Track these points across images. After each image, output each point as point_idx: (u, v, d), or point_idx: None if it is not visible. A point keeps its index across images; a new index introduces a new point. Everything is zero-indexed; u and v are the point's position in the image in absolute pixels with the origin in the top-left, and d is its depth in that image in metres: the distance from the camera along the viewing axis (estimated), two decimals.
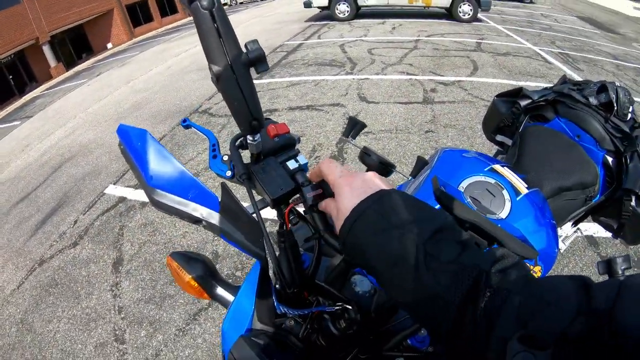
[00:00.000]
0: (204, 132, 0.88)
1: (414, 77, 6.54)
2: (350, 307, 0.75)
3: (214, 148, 0.83)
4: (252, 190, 0.74)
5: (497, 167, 1.17)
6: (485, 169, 1.15)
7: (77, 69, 21.34)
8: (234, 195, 0.75)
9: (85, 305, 3.07)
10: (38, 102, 14.39)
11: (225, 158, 0.81)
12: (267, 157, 0.78)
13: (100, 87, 11.57)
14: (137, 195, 4.38)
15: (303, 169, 0.77)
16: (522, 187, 1.12)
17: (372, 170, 0.69)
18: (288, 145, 0.81)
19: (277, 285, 0.82)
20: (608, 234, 1.60)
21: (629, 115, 1.45)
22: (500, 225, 0.58)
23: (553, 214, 1.21)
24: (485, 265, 0.45)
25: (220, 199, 0.77)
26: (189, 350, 2.54)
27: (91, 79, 14.22)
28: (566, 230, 1.62)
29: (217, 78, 0.61)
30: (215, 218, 0.76)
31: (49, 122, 9.56)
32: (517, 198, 1.08)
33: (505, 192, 1.08)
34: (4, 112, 16.62)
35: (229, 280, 2.67)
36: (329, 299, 0.80)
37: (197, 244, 3.30)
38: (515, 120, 1.68)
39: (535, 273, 1.03)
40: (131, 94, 9.23)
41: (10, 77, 21.61)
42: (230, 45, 0.59)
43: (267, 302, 0.81)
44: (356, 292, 0.83)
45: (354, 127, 0.88)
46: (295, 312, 0.78)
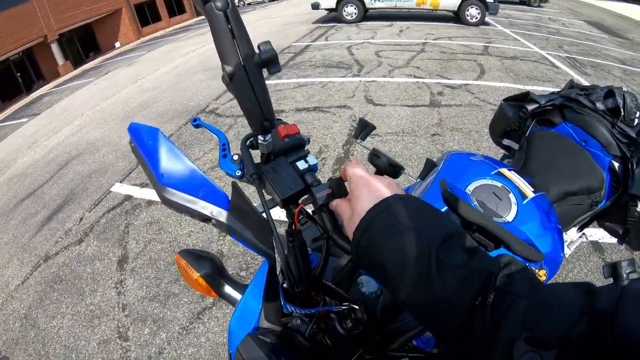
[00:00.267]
0: (215, 131, 0.88)
1: (421, 80, 6.54)
2: (356, 307, 0.75)
3: (224, 147, 0.83)
4: (262, 190, 0.75)
5: (504, 170, 1.17)
6: (492, 173, 1.15)
7: (84, 67, 21.46)
8: (244, 195, 0.74)
9: (90, 302, 3.08)
10: (45, 99, 14.46)
11: (236, 158, 0.81)
12: (277, 157, 0.78)
13: (107, 86, 11.63)
14: (143, 193, 4.40)
15: (313, 169, 0.78)
16: (528, 190, 1.12)
17: (381, 171, 0.70)
18: (298, 145, 0.81)
19: (285, 285, 0.82)
20: (613, 240, 1.59)
21: (636, 121, 1.45)
22: (506, 228, 0.58)
23: (559, 218, 1.21)
24: (494, 269, 0.47)
25: (230, 198, 0.76)
26: (192, 349, 2.54)
27: (99, 77, 14.29)
28: (571, 235, 1.62)
29: (230, 78, 0.61)
30: (225, 216, 0.76)
31: (56, 120, 9.62)
32: (524, 202, 1.08)
33: (511, 196, 1.09)
34: (11, 109, 16.74)
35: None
36: (335, 298, 0.80)
37: (203, 243, 3.31)
38: (522, 125, 1.68)
39: (541, 277, 1.04)
40: (138, 93, 9.27)
41: (19, 74, 21.78)
42: (243, 46, 0.60)
43: (274, 301, 0.81)
44: (363, 293, 0.83)
45: (364, 129, 0.88)
46: (302, 312, 0.78)
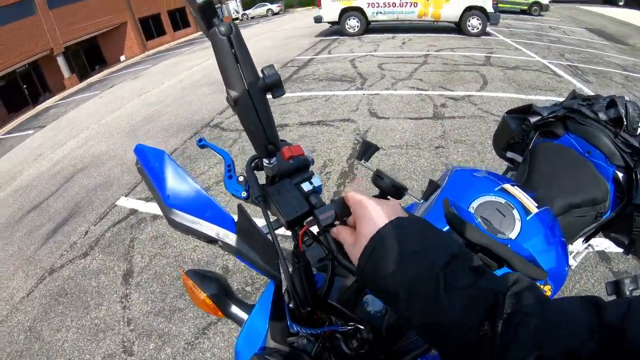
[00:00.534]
0: (220, 152, 0.89)
1: (424, 92, 6.56)
2: (362, 326, 0.76)
3: (230, 168, 0.84)
4: (268, 211, 0.76)
5: (508, 186, 1.17)
6: (496, 189, 1.16)
7: (90, 80, 21.63)
8: (250, 217, 0.75)
9: (95, 315, 3.08)
10: (51, 112, 14.57)
11: (241, 179, 0.82)
12: (282, 178, 0.79)
13: (113, 99, 11.73)
14: (149, 207, 4.41)
15: (317, 191, 0.78)
16: (532, 206, 1.12)
17: (384, 192, 0.71)
18: (302, 167, 0.82)
19: (291, 305, 0.83)
20: (620, 250, 1.59)
21: (639, 130, 1.45)
22: (509, 246, 0.60)
23: (563, 231, 1.22)
24: (502, 288, 0.47)
25: (236, 220, 0.77)
26: None
27: (104, 90, 14.41)
28: (577, 246, 1.61)
29: (235, 102, 0.62)
30: (231, 238, 0.77)
31: (62, 133, 9.70)
32: (527, 217, 1.08)
33: (515, 212, 1.09)
34: (17, 121, 16.85)
35: (241, 296, 2.67)
36: (341, 318, 0.80)
37: (208, 258, 3.31)
38: (525, 137, 1.68)
39: (546, 292, 1.04)
40: (143, 106, 9.34)
41: (25, 86, 22.06)
42: (247, 70, 0.61)
43: (280, 321, 0.82)
44: (368, 312, 0.84)
45: (367, 150, 0.90)
46: (308, 331, 0.79)
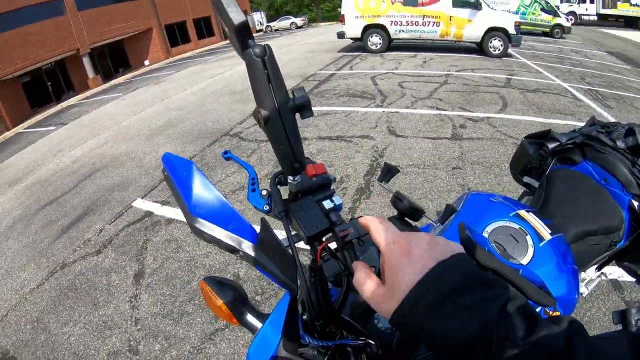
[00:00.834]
0: (244, 165, 0.92)
1: (444, 112, 6.54)
2: (372, 342, 0.78)
3: (253, 182, 0.87)
4: (289, 226, 0.78)
5: (522, 212, 1.18)
6: (511, 214, 1.17)
7: (113, 82, 22.02)
8: (272, 230, 0.78)
9: (103, 312, 3.11)
10: (74, 110, 14.84)
11: (264, 193, 0.85)
12: (304, 195, 0.81)
13: (135, 102, 11.94)
14: (164, 211, 4.46)
15: (337, 208, 0.80)
16: (545, 233, 1.13)
17: (402, 214, 0.73)
18: (324, 184, 0.84)
19: (305, 316, 0.85)
20: (633, 279, 1.58)
21: None
22: (521, 271, 0.61)
23: (577, 258, 1.22)
24: (558, 341, 0.43)
25: (258, 232, 0.80)
26: None
27: (127, 93, 14.67)
28: (590, 273, 1.60)
29: (265, 121, 0.64)
30: (252, 249, 0.79)
31: (83, 131, 9.88)
32: (540, 244, 1.09)
33: (528, 238, 1.10)
34: (40, 116, 17.21)
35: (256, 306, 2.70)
36: (352, 333, 0.82)
37: (220, 265, 3.32)
38: (542, 163, 1.68)
39: None
40: (165, 111, 9.50)
41: (49, 83, 22.55)
42: (279, 91, 0.63)
43: (293, 332, 0.83)
44: (379, 328, 0.85)
45: (388, 172, 0.91)
46: (320, 343, 0.80)
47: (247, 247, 0.79)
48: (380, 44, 13.47)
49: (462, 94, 7.65)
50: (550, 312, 1.03)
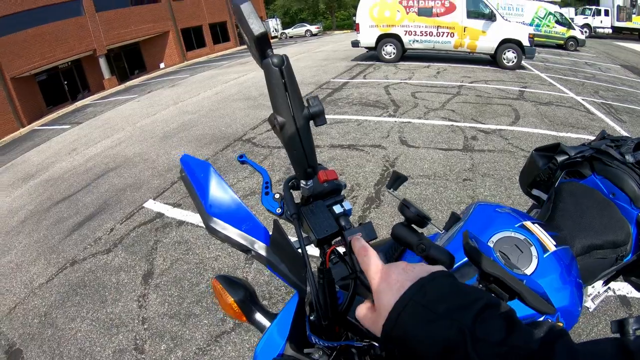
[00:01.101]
0: (259, 169, 0.96)
1: (456, 124, 6.53)
2: (376, 344, 0.80)
3: (267, 185, 0.90)
4: (300, 229, 0.81)
5: (528, 223, 1.19)
6: (516, 225, 1.18)
7: (129, 83, 22.29)
8: (284, 232, 0.81)
9: (110, 310, 3.13)
10: (89, 110, 15.02)
11: (277, 196, 0.87)
12: (315, 199, 0.83)
13: (149, 104, 12.07)
14: (175, 213, 4.49)
15: (347, 214, 0.82)
16: (550, 244, 1.13)
17: (409, 221, 0.74)
18: (335, 190, 0.86)
19: (312, 317, 0.87)
20: None
21: None
22: (525, 280, 0.61)
23: (583, 271, 1.22)
24: (535, 344, 0.45)
25: (271, 234, 0.83)
26: None
27: (142, 95, 14.83)
28: (597, 288, 1.59)
29: (281, 128, 0.68)
30: (264, 250, 0.83)
31: (97, 131, 10.00)
32: (544, 255, 1.10)
33: (533, 249, 1.11)
34: (55, 114, 17.47)
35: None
36: (357, 335, 0.84)
37: (228, 269, 3.33)
38: (551, 176, 1.69)
39: None
40: (179, 114, 9.58)
41: (65, 82, 22.91)
42: (295, 99, 0.66)
43: (300, 332, 0.86)
44: None
45: (397, 180, 0.93)
46: (326, 344, 0.82)
47: (260, 247, 0.84)
48: (394, 53, 13.50)
49: (474, 106, 7.64)
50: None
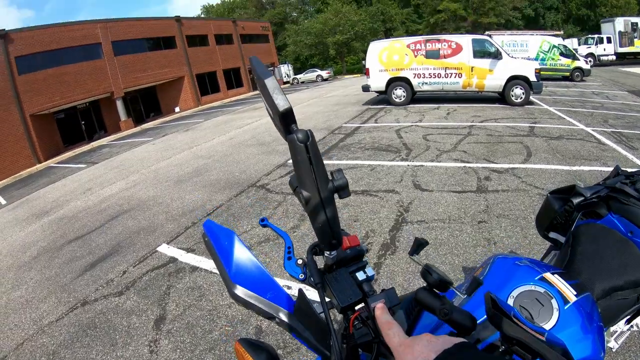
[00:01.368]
0: (281, 233, 0.98)
1: (468, 165, 6.54)
2: None
3: (289, 250, 0.92)
4: (324, 295, 0.82)
5: (548, 275, 1.19)
6: (536, 278, 1.17)
7: (144, 126, 22.85)
8: (308, 301, 0.82)
9: (120, 354, 3.07)
10: (105, 150, 15.33)
11: (300, 262, 0.89)
12: (339, 266, 0.85)
13: (164, 148, 12.31)
14: (189, 258, 4.48)
15: (370, 279, 0.84)
16: (571, 295, 1.13)
17: (430, 286, 0.76)
18: (358, 256, 0.88)
19: None
20: None
21: None
22: (546, 334, 0.62)
23: (604, 314, 1.21)
24: None
25: (296, 302, 0.84)
26: None
27: (157, 138, 15.16)
28: (619, 326, 1.55)
29: (306, 202, 0.70)
30: (288, 317, 0.83)
31: (112, 172, 10.18)
32: (565, 307, 1.09)
33: (553, 302, 1.10)
34: (71, 153, 17.85)
35: None
36: None
37: (242, 316, 3.27)
38: (568, 218, 1.67)
39: None
40: (193, 159, 9.75)
41: (83, 122, 23.58)
42: (319, 174, 0.68)
43: None
44: None
45: (419, 246, 0.95)
46: None
47: (284, 314, 0.84)
48: (404, 96, 13.77)
49: (486, 145, 7.67)
50: None
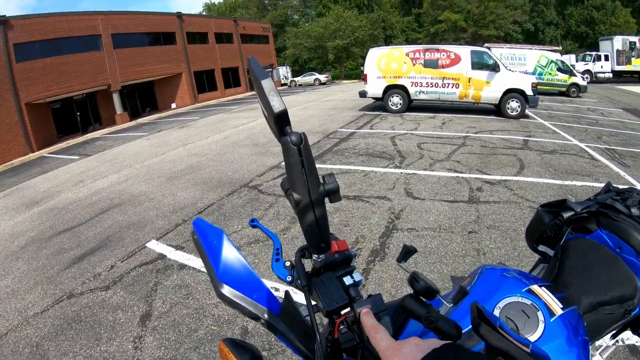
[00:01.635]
0: (270, 235, 0.97)
1: (461, 175, 6.57)
2: None
3: (278, 252, 0.91)
4: (310, 298, 0.83)
5: (535, 287, 1.20)
6: (523, 290, 1.18)
7: (140, 120, 22.79)
8: (294, 303, 0.83)
9: (105, 349, 3.05)
10: (99, 143, 15.27)
11: (287, 264, 0.89)
12: (326, 269, 0.86)
13: (158, 144, 12.28)
14: (177, 255, 4.46)
15: (357, 284, 0.85)
16: (557, 308, 1.14)
17: (417, 293, 0.76)
18: (346, 260, 0.88)
19: None
20: None
21: None
22: (530, 347, 0.63)
23: (590, 328, 1.22)
24: None
25: (281, 303, 0.84)
26: None
27: (152, 133, 15.12)
28: (605, 341, 1.57)
29: (297, 204, 0.70)
30: (273, 319, 0.83)
31: (105, 165, 10.15)
32: (551, 319, 1.10)
33: (539, 314, 1.11)
34: (65, 144, 17.75)
35: None
36: None
37: (228, 316, 3.27)
38: (558, 232, 1.68)
39: None
40: (187, 156, 9.73)
41: (78, 113, 23.49)
42: (311, 177, 0.68)
43: None
44: None
45: (407, 253, 0.96)
46: None
47: (270, 316, 0.83)
48: (400, 104, 13.84)
49: (479, 156, 7.72)
50: None
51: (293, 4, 58.43)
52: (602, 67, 30.62)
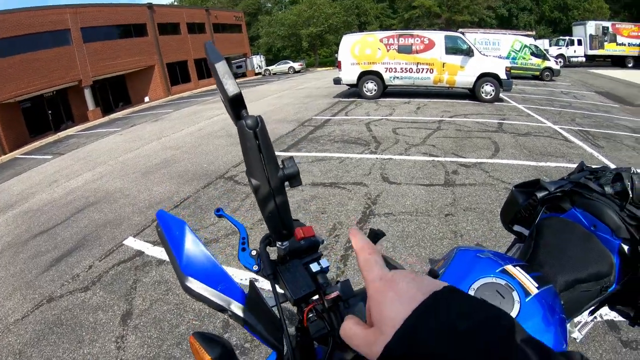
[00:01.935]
0: (236, 224, 0.96)
1: (437, 159, 6.65)
2: None
3: (244, 241, 0.90)
4: (276, 287, 0.82)
5: (509, 267, 1.21)
6: (497, 270, 1.20)
7: (113, 116, 22.29)
8: (259, 292, 0.83)
9: (87, 351, 3.04)
10: (71, 141, 14.92)
11: (254, 253, 0.88)
12: (292, 257, 0.85)
13: (132, 138, 12.07)
14: (155, 251, 4.44)
15: (324, 271, 0.83)
16: (532, 287, 1.15)
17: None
18: (312, 247, 0.87)
19: None
20: None
21: None
22: None
23: (567, 306, 1.24)
24: None
25: (247, 293, 0.84)
26: None
27: (125, 128, 14.83)
28: (583, 317, 1.59)
29: (255, 190, 0.69)
30: (240, 310, 0.82)
31: (79, 163, 9.94)
32: (527, 299, 1.11)
33: (515, 294, 1.12)
34: (38, 143, 17.30)
35: (239, 353, 2.67)
36: None
37: (209, 310, 3.27)
38: (532, 212, 1.70)
39: None
40: (161, 150, 9.61)
41: (50, 112, 22.75)
42: (269, 161, 0.67)
43: None
44: None
45: (375, 237, 0.96)
46: None
47: (236, 307, 0.83)
48: (375, 90, 13.89)
49: (454, 140, 7.82)
50: None
51: None
52: (575, 51, 31.12)
